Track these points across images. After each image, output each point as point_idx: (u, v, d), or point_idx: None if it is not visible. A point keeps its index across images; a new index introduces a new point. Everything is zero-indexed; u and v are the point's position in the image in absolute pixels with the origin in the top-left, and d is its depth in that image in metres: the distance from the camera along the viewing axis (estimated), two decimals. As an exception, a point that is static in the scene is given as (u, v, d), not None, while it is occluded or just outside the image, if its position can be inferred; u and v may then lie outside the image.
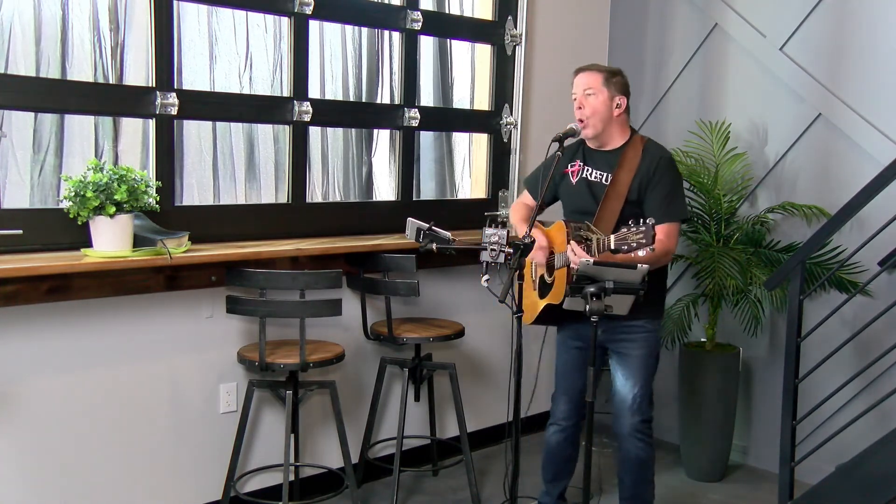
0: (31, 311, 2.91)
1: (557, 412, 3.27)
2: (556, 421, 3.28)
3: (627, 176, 3.00)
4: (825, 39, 3.94)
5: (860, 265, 3.76)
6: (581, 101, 3.02)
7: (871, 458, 2.94)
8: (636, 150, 3.05)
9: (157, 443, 3.27)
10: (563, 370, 3.25)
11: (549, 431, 3.31)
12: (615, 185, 3.01)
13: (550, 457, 3.32)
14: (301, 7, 3.57)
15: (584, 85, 3.03)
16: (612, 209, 2.99)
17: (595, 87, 3.01)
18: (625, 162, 3.02)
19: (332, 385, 3.39)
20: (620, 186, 3.00)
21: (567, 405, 3.24)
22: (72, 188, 2.88)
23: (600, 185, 3.06)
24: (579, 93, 3.03)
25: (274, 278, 3.18)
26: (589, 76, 3.04)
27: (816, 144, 4.00)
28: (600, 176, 3.08)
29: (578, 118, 3.02)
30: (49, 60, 3.16)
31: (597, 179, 3.08)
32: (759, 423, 4.24)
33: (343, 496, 3.57)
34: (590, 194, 3.07)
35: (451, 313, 4.02)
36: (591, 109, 3.01)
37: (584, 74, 3.06)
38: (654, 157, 3.04)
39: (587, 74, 3.05)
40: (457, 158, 4.61)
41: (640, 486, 3.19)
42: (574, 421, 3.25)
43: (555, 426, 3.28)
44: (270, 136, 3.84)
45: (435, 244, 2.97)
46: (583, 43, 4.68)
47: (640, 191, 3.01)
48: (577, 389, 3.20)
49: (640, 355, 3.10)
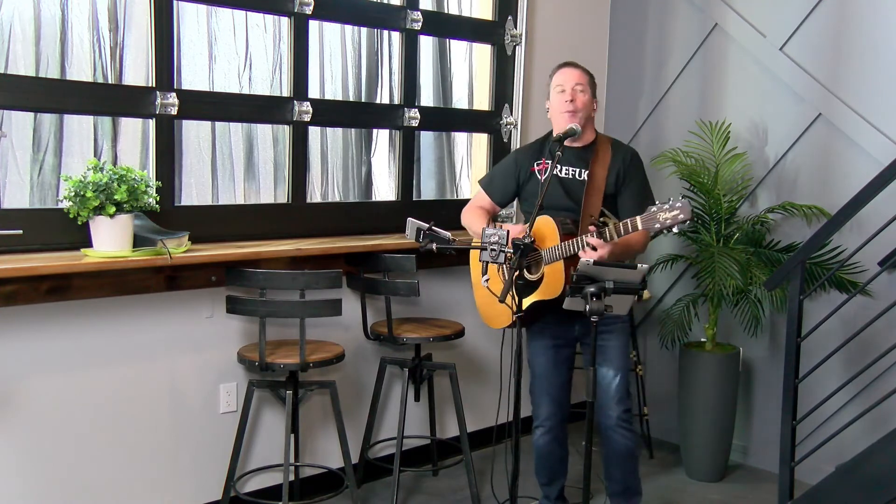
0: (31, 311, 2.91)
1: (541, 413, 3.23)
2: (541, 423, 3.24)
3: (602, 170, 3.08)
4: (825, 39, 3.94)
5: (860, 265, 3.76)
6: (573, 94, 3.07)
7: (871, 458, 2.94)
8: (606, 146, 3.14)
9: (157, 443, 3.27)
10: (542, 371, 3.21)
11: (536, 434, 3.26)
12: (593, 180, 3.07)
13: (542, 460, 3.30)
14: (301, 7, 3.57)
15: (576, 80, 3.10)
16: (594, 204, 3.05)
17: (583, 85, 3.11)
18: (598, 157, 3.10)
19: (332, 385, 3.39)
20: (598, 181, 3.07)
21: (550, 405, 3.21)
22: (72, 188, 2.88)
23: (574, 181, 3.11)
24: (569, 86, 3.08)
25: (274, 278, 3.18)
26: (579, 73, 3.12)
27: (816, 144, 4.00)
28: (573, 172, 3.12)
29: (569, 110, 3.07)
30: (49, 60, 3.16)
31: (568, 176, 3.13)
32: (759, 423, 4.24)
33: (343, 496, 3.57)
34: (562, 190, 3.11)
35: (451, 313, 4.02)
36: (580, 103, 3.08)
37: (574, 70, 3.12)
38: (626, 152, 3.17)
39: (577, 71, 3.12)
40: (456, 158, 4.61)
41: (629, 477, 3.20)
42: (558, 419, 3.23)
43: (541, 428, 3.24)
44: (270, 136, 3.84)
45: (435, 244, 2.96)
46: (583, 43, 4.68)
47: (616, 185, 3.10)
48: (557, 388, 3.21)
49: (617, 345, 3.12)
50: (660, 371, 4.63)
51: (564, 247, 2.94)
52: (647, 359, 4.69)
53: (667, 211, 2.71)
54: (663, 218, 2.71)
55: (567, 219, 3.06)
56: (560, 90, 3.10)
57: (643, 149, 4.39)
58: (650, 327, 4.65)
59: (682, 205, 2.69)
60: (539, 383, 3.23)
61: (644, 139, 4.65)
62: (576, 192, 3.10)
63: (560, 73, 3.14)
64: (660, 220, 2.72)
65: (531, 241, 2.77)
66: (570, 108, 3.07)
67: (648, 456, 4.36)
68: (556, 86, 3.13)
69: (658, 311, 4.59)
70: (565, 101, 3.08)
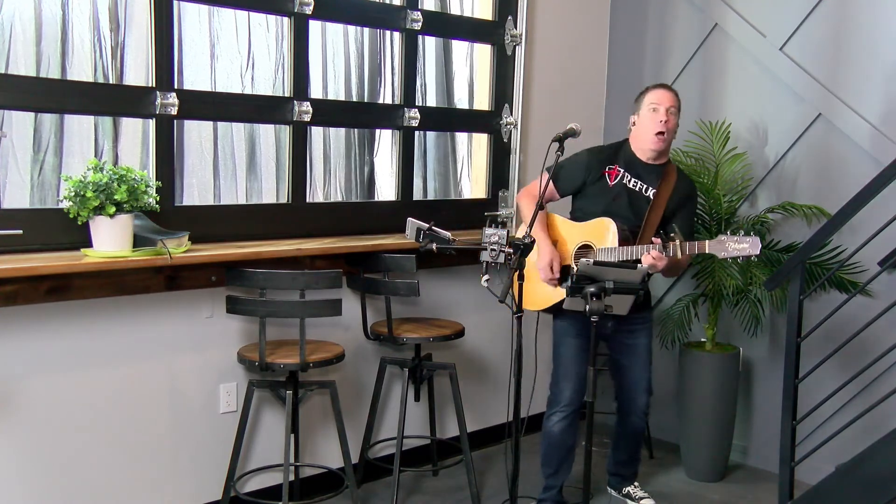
0: (31, 311, 2.91)
1: (562, 398, 3.34)
2: (560, 408, 3.34)
3: (667, 192, 3.28)
4: (825, 39, 3.94)
5: (860, 265, 3.76)
6: (667, 116, 3.24)
7: (871, 458, 2.94)
8: (673, 172, 3.34)
9: (157, 443, 3.27)
10: (568, 357, 3.34)
11: (553, 420, 3.35)
12: (658, 197, 3.26)
13: (554, 447, 3.37)
14: (301, 7, 3.57)
15: (671, 102, 3.28)
16: (654, 219, 3.26)
17: (676, 108, 3.30)
18: (667, 179, 3.29)
19: (332, 385, 3.39)
20: (661, 200, 3.27)
21: (572, 391, 3.33)
22: (72, 188, 2.88)
23: (640, 194, 3.28)
24: (664, 107, 3.24)
25: (274, 278, 3.18)
26: (673, 97, 3.32)
27: (816, 144, 4.00)
28: (642, 186, 3.29)
29: (661, 130, 3.22)
30: (49, 60, 3.16)
31: (636, 188, 3.29)
32: (759, 423, 4.24)
33: (343, 496, 3.57)
34: (627, 200, 3.27)
35: (451, 313, 4.02)
36: (672, 125, 3.28)
37: (669, 93, 3.31)
38: (688, 182, 3.43)
39: (672, 95, 3.31)
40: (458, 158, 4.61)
41: (636, 450, 3.64)
42: (576, 406, 3.36)
43: (559, 413, 3.34)
44: (273, 135, 3.84)
45: (435, 244, 2.97)
46: (583, 43, 4.68)
47: (675, 209, 3.28)
48: (582, 375, 3.31)
49: (644, 343, 3.41)
50: (660, 371, 4.62)
51: (623, 251, 3.10)
52: (647, 359, 4.68)
53: (736, 242, 2.94)
54: (732, 248, 2.94)
55: (626, 227, 3.21)
56: (653, 109, 3.25)
57: (643, 149, 4.41)
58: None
59: (751, 241, 2.93)
60: (565, 368, 3.35)
61: (644, 139, 4.65)
62: (639, 204, 3.28)
63: (655, 93, 3.29)
64: (728, 248, 2.95)
65: (531, 241, 2.77)
66: (663, 128, 3.23)
67: (648, 456, 4.36)
68: (649, 104, 3.27)
69: (658, 311, 4.59)
70: (659, 121, 3.23)
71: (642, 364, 3.40)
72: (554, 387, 3.37)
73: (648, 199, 3.27)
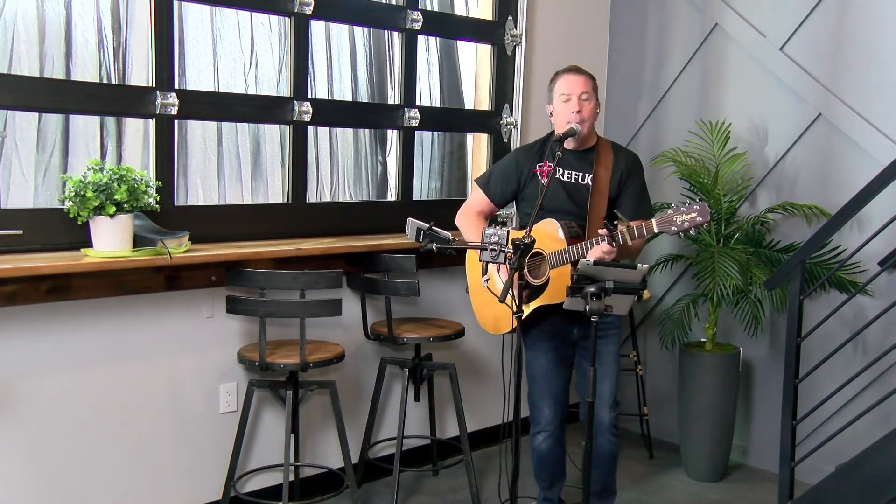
0: (31, 311, 2.92)
1: (542, 418, 3.18)
2: (543, 428, 3.19)
3: (606, 173, 3.08)
4: (825, 39, 3.94)
5: (860, 265, 3.76)
6: (580, 105, 3.03)
7: (871, 458, 2.94)
8: (607, 150, 3.13)
9: (157, 443, 3.27)
10: (542, 374, 3.16)
11: (538, 440, 3.21)
12: (597, 183, 3.06)
13: (543, 464, 3.25)
14: (301, 7, 3.57)
15: (583, 87, 3.06)
16: (599, 206, 3.05)
17: (588, 93, 3.07)
18: (601, 160, 3.09)
19: (332, 385, 3.39)
20: (602, 184, 3.06)
21: (551, 409, 3.17)
22: (72, 188, 2.89)
23: (578, 185, 3.10)
24: (575, 95, 3.04)
25: (274, 278, 3.18)
26: (584, 80, 3.07)
27: (816, 144, 4.00)
28: (575, 175, 3.11)
29: (576, 121, 3.03)
30: (53, 60, 3.16)
31: (572, 180, 3.11)
32: (759, 423, 4.24)
33: (343, 496, 3.58)
34: (565, 194, 3.10)
35: (451, 313, 4.02)
36: (587, 113, 3.05)
37: (578, 77, 3.07)
38: (628, 156, 3.17)
39: (582, 78, 3.08)
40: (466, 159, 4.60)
41: (608, 479, 3.22)
42: (560, 421, 3.20)
43: (543, 433, 3.19)
44: (277, 136, 3.83)
45: (435, 244, 2.96)
46: (583, 43, 4.68)
47: (618, 188, 3.10)
48: (560, 389, 3.18)
49: (612, 350, 3.13)
50: (660, 371, 4.63)
51: (573, 250, 2.91)
52: (647, 359, 4.69)
53: (684, 213, 2.72)
54: (680, 220, 2.71)
55: (573, 222, 3.04)
56: (565, 99, 3.05)
57: (643, 149, 4.41)
58: (650, 327, 4.65)
59: (699, 207, 2.70)
60: (539, 387, 3.18)
61: (644, 139, 4.66)
62: (578, 195, 3.09)
63: (564, 81, 3.07)
64: (677, 222, 2.72)
65: (532, 241, 2.76)
66: (577, 118, 3.02)
67: (648, 456, 4.36)
68: (560, 94, 3.06)
69: (658, 311, 4.59)
70: (572, 111, 3.03)
71: (608, 374, 3.08)
72: (532, 407, 3.21)
73: (588, 187, 3.06)
